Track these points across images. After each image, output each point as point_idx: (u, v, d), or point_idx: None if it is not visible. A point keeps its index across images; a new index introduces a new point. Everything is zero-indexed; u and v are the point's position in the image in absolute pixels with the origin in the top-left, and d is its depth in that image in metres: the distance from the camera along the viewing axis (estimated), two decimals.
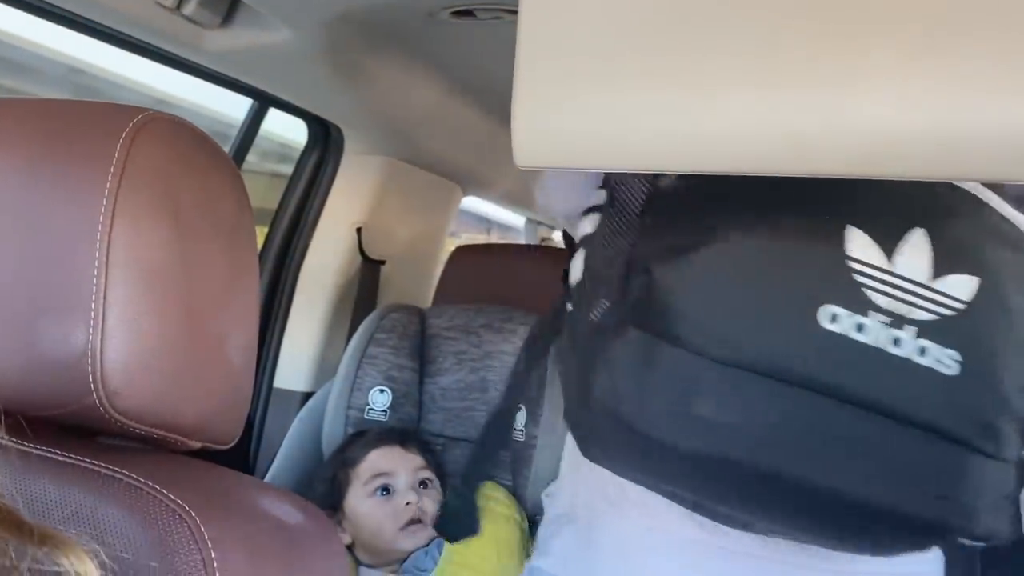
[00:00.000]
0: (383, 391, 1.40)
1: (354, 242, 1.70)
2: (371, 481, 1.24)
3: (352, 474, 1.26)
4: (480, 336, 1.43)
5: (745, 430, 0.73)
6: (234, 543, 0.52)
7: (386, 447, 1.27)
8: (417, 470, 1.27)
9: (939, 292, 0.71)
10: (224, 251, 0.61)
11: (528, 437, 1.31)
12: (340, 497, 1.26)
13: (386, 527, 1.22)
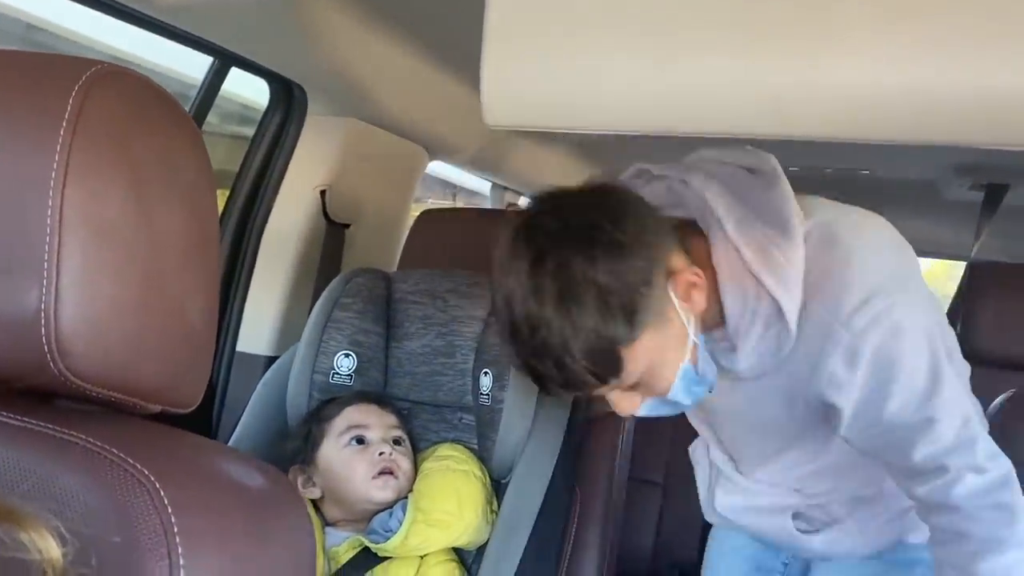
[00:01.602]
0: (348, 356, 1.39)
1: (318, 205, 1.67)
2: (346, 432, 1.26)
3: (327, 428, 1.27)
4: (447, 301, 1.42)
5: None
6: (196, 508, 0.51)
7: (361, 404, 1.30)
8: (391, 427, 1.29)
9: None
10: (184, 210, 0.59)
11: (494, 401, 1.31)
12: (313, 450, 1.27)
13: (358, 475, 1.23)
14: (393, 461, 1.24)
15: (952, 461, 0.98)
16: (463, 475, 1.28)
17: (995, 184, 2.36)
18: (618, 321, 0.86)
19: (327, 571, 1.20)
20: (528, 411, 1.31)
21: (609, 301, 0.85)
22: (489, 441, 1.32)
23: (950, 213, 2.65)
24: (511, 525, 1.23)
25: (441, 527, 1.21)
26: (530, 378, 0.94)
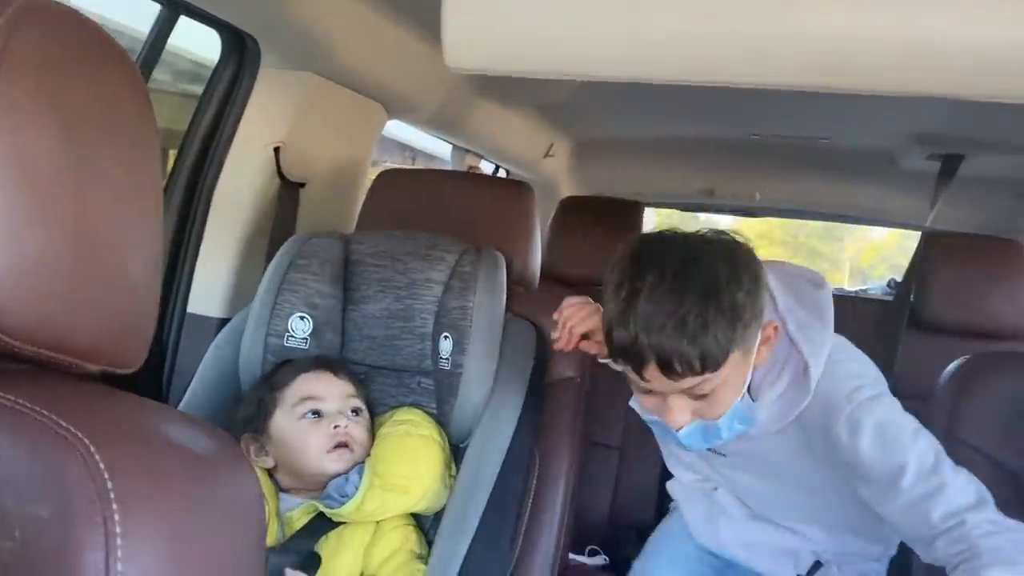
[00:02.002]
0: (304, 318, 1.36)
1: (271, 163, 1.62)
2: (300, 404, 1.22)
3: (279, 397, 1.23)
4: (406, 263, 1.38)
5: None
6: (134, 472, 0.48)
7: (316, 372, 1.25)
8: (347, 397, 1.25)
9: None
10: (122, 158, 0.55)
11: (454, 366, 1.29)
12: (266, 419, 1.23)
13: (312, 449, 1.19)
14: (348, 434, 1.21)
15: (969, 516, 1.07)
16: (422, 440, 1.26)
17: (951, 154, 2.39)
18: (736, 330, 1.03)
19: (280, 537, 1.17)
20: (488, 376, 1.29)
21: (738, 312, 1.03)
22: (448, 406, 1.30)
23: (906, 183, 2.67)
24: (469, 489, 1.22)
25: (398, 492, 1.19)
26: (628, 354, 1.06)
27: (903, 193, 2.76)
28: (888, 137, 2.43)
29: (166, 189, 1.67)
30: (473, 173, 2.52)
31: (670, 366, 1.03)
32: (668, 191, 3.25)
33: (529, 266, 1.51)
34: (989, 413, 1.25)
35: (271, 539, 1.16)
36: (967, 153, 2.35)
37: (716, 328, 1.02)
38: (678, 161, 2.98)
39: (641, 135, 2.74)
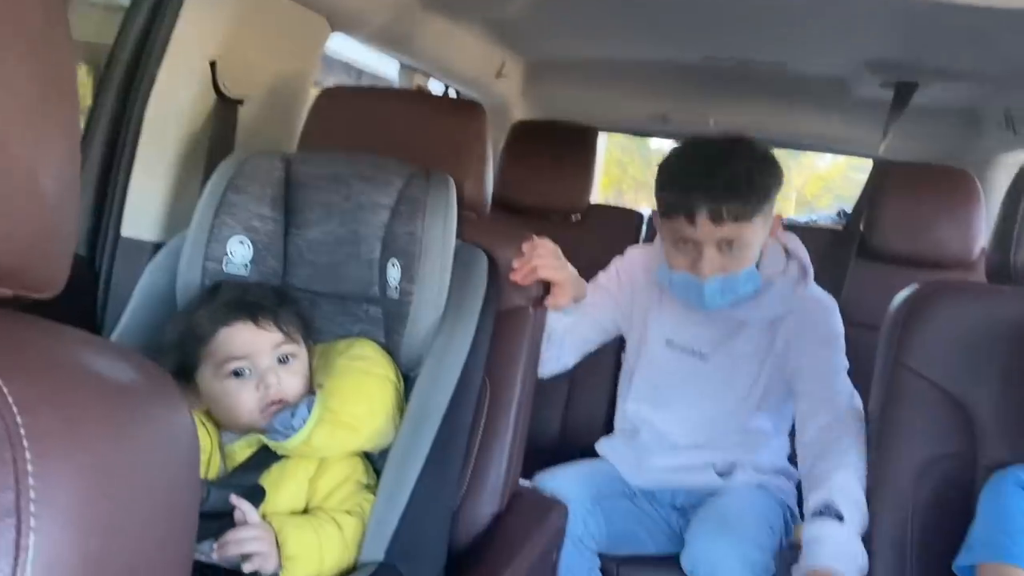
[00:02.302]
0: (243, 242, 1.29)
1: (207, 78, 1.52)
2: (223, 364, 1.13)
3: (202, 351, 1.14)
4: (351, 186, 1.32)
5: None
6: (49, 406, 0.43)
7: (238, 324, 1.14)
8: (275, 348, 1.15)
9: None
10: (28, 62, 0.49)
11: (402, 293, 1.25)
12: (191, 370, 1.16)
13: (242, 408, 1.13)
14: (281, 390, 1.13)
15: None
16: (379, 380, 1.21)
17: (905, 82, 2.38)
18: (768, 196, 1.43)
19: (222, 470, 1.13)
20: (438, 304, 1.26)
21: (767, 183, 1.43)
22: (397, 335, 1.26)
23: (860, 111, 2.67)
24: (419, 419, 1.20)
25: (348, 430, 1.15)
26: (685, 203, 1.40)
27: (856, 121, 2.76)
28: (843, 63, 2.41)
29: (93, 107, 1.57)
30: (421, 92, 2.44)
31: (719, 212, 1.37)
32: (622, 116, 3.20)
33: (481, 191, 1.46)
34: (936, 341, 1.26)
35: (213, 472, 1.13)
36: (920, 81, 2.34)
37: (755, 187, 1.40)
38: (632, 85, 2.92)
39: (595, 56, 2.67)
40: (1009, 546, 1.05)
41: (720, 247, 1.42)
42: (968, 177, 2.19)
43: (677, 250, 1.47)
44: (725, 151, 1.43)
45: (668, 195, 1.45)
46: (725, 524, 1.42)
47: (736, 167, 1.40)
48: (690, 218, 1.40)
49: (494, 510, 1.31)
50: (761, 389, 1.57)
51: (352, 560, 1.10)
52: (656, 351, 1.64)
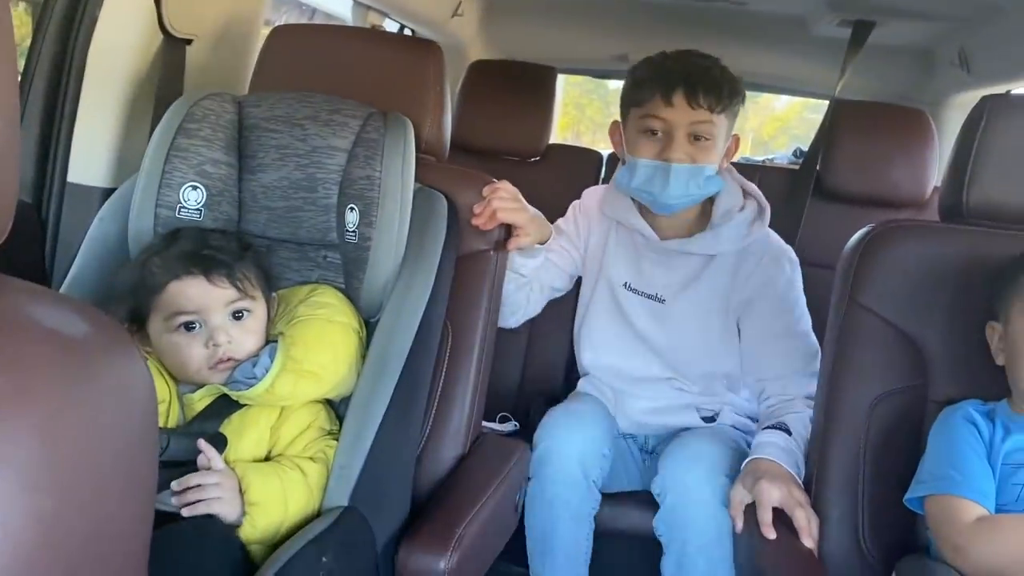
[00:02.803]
0: (196, 188, 1.26)
1: (152, 16, 1.46)
2: (173, 317, 1.11)
3: (152, 302, 1.12)
4: (306, 129, 1.29)
5: None
6: None
7: (189, 279, 1.11)
8: (228, 304, 1.13)
9: None
10: None
11: (361, 239, 1.23)
12: (142, 320, 1.13)
13: (192, 363, 1.11)
14: (231, 349, 1.11)
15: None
16: (341, 328, 1.20)
17: (863, 20, 2.37)
18: (736, 94, 1.50)
19: (181, 419, 1.12)
20: (397, 249, 1.24)
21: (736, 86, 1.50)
22: (356, 280, 1.25)
23: (818, 50, 2.66)
24: (381, 364, 1.19)
25: (312, 379, 1.14)
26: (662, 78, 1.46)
27: (814, 61, 2.76)
28: (801, 1, 2.40)
29: (32, 48, 1.51)
30: (378, 31, 2.37)
31: (695, 94, 1.43)
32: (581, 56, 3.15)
33: (439, 133, 1.43)
34: (890, 280, 1.28)
35: (172, 421, 1.12)
36: (877, 20, 2.34)
37: (728, 80, 1.48)
38: (591, 25, 2.88)
39: None
40: (956, 478, 1.09)
41: (689, 138, 1.47)
42: (923, 116, 2.21)
43: (646, 139, 1.50)
44: (699, 54, 1.51)
45: (644, 79, 1.49)
46: (697, 453, 1.46)
47: (710, 63, 1.49)
48: (667, 98, 1.45)
49: (457, 453, 1.33)
50: (726, 334, 1.59)
51: (316, 506, 1.11)
52: (613, 295, 1.64)
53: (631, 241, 1.64)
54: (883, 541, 1.22)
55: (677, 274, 1.60)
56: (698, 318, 1.59)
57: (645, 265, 1.62)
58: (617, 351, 1.65)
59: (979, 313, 1.20)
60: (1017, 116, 1.25)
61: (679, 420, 1.62)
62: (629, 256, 1.64)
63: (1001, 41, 2.18)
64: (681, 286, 1.60)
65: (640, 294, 1.62)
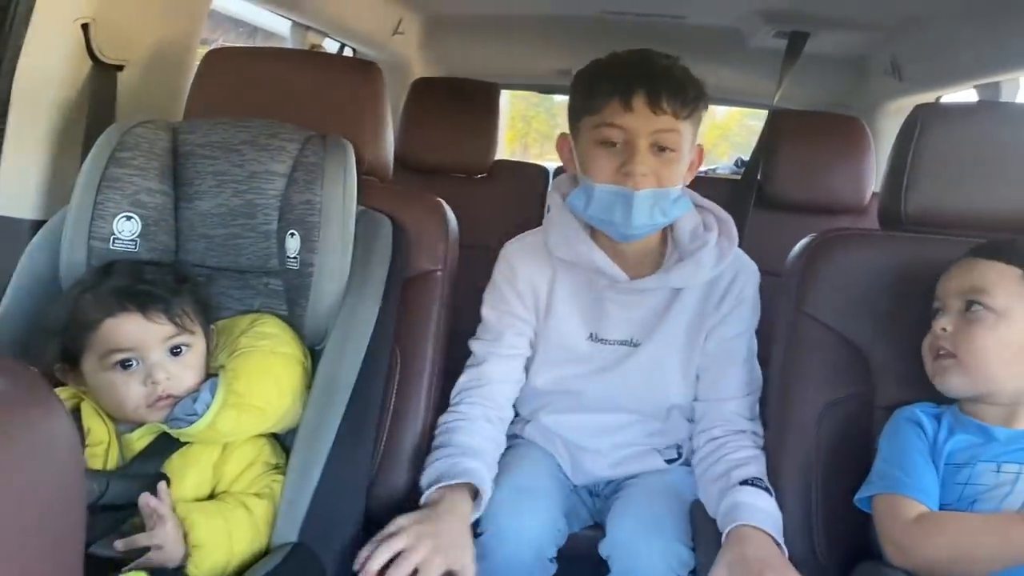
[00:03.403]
0: (130, 218, 1.22)
1: (80, 42, 1.42)
2: (108, 355, 1.06)
3: (86, 340, 1.07)
4: (243, 154, 1.26)
5: None
6: None
7: (124, 315, 1.06)
8: (165, 340, 1.09)
9: None
10: None
11: (303, 265, 1.21)
12: (75, 360, 1.09)
13: (130, 402, 1.07)
14: (170, 386, 1.07)
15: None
16: (285, 359, 1.17)
17: (797, 32, 2.42)
18: (700, 100, 1.29)
19: (120, 460, 1.08)
20: (341, 274, 1.22)
21: (701, 90, 1.30)
22: (300, 308, 1.22)
23: (755, 62, 2.71)
24: (328, 393, 1.17)
25: (255, 413, 1.10)
26: (621, 81, 1.25)
27: (753, 71, 2.81)
28: (738, 15, 2.44)
29: None
30: (315, 52, 2.34)
31: (657, 98, 1.24)
32: (525, 72, 3.16)
33: (381, 154, 1.42)
34: (833, 289, 1.30)
35: (112, 463, 1.07)
36: (811, 31, 2.40)
37: (692, 83, 1.28)
38: (534, 40, 2.89)
39: (494, 11, 2.62)
40: (903, 479, 1.11)
41: (653, 149, 1.26)
42: (858, 124, 2.25)
43: (603, 152, 1.27)
44: (657, 53, 1.31)
45: (598, 83, 1.28)
46: (650, 519, 1.29)
47: (671, 63, 1.29)
48: (625, 103, 1.24)
49: (410, 479, 1.30)
50: (694, 362, 1.40)
51: (264, 543, 1.07)
52: (575, 352, 1.41)
53: (588, 284, 1.40)
54: (838, 548, 1.22)
55: (646, 311, 1.40)
56: (671, 353, 1.39)
57: (611, 309, 1.39)
58: (576, 409, 1.44)
59: (921, 319, 1.22)
60: (950, 124, 1.28)
61: (640, 467, 1.44)
62: (589, 302, 1.40)
63: (930, 49, 2.24)
64: (653, 323, 1.39)
65: (610, 343, 1.40)
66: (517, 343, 1.41)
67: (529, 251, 1.43)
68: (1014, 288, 1.11)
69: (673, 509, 1.32)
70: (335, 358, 1.20)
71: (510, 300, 1.41)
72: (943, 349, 1.13)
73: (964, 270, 1.16)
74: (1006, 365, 1.10)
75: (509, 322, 1.40)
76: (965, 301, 1.13)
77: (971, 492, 1.09)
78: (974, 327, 1.11)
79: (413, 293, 1.34)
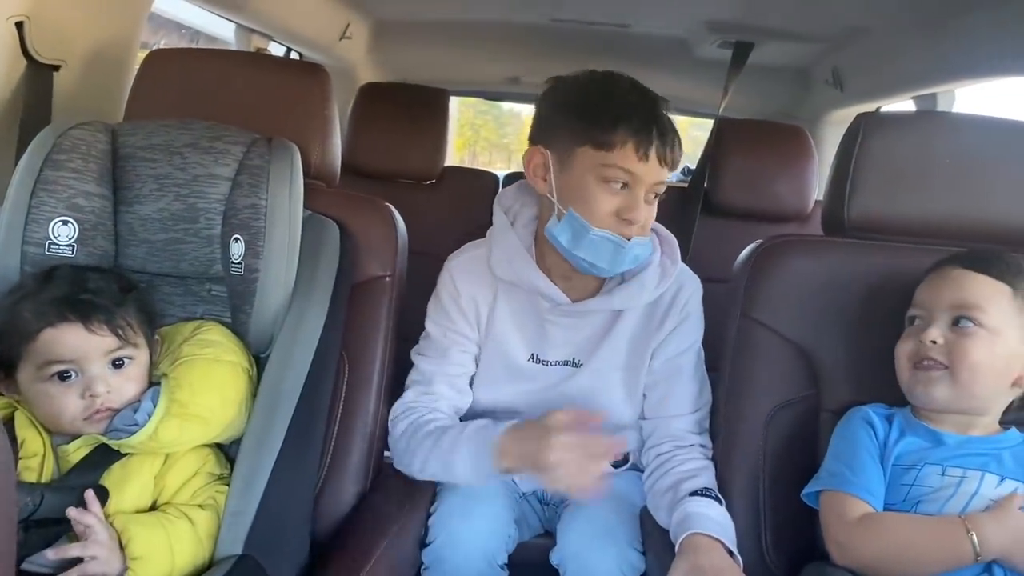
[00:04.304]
0: (67, 222, 1.18)
1: (14, 40, 1.37)
2: (46, 366, 1.02)
3: (23, 348, 1.03)
4: (186, 157, 1.23)
5: None
6: None
7: (64, 326, 1.03)
8: (107, 353, 1.05)
9: None
10: None
11: (247, 270, 1.18)
12: (11, 365, 1.05)
13: (65, 415, 1.03)
14: (111, 399, 1.04)
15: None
16: (229, 367, 1.14)
17: (741, 42, 2.47)
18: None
19: (56, 472, 1.04)
20: (287, 280, 1.20)
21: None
22: (244, 314, 1.19)
23: (701, 70, 2.75)
24: (273, 402, 1.14)
25: (198, 423, 1.07)
26: (645, 131, 1.23)
27: (699, 81, 2.85)
28: (683, 24, 2.47)
29: None
30: (261, 54, 2.31)
31: (664, 149, 1.24)
32: (473, 78, 3.16)
33: (328, 158, 1.40)
34: (779, 295, 1.31)
35: (47, 475, 1.03)
36: (755, 41, 2.44)
37: (679, 139, 1.28)
38: (482, 47, 2.89)
39: (442, 17, 2.62)
40: (849, 477, 1.13)
41: (647, 196, 1.27)
42: (802, 133, 2.30)
43: (606, 191, 1.24)
44: (653, 95, 1.28)
45: (613, 125, 1.22)
46: (601, 527, 1.29)
47: (665, 112, 1.27)
48: (643, 153, 1.22)
49: (359, 488, 1.28)
50: (640, 380, 1.40)
51: (207, 556, 1.04)
52: (516, 371, 1.40)
53: (530, 305, 1.39)
54: (786, 550, 1.24)
55: (588, 331, 1.39)
56: (613, 372, 1.39)
57: (553, 331, 1.39)
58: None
59: (864, 322, 1.25)
60: (891, 133, 1.31)
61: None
62: (529, 323, 1.39)
63: (870, 61, 2.30)
64: (595, 343, 1.39)
65: (550, 364, 1.40)
66: (463, 360, 1.40)
67: (472, 268, 1.40)
68: (1006, 306, 1.12)
69: (623, 515, 1.33)
70: (281, 366, 1.17)
71: (455, 318, 1.39)
72: (931, 360, 1.12)
73: (952, 282, 1.14)
74: (992, 382, 1.12)
75: (454, 339, 1.39)
76: (954, 316, 1.12)
77: (916, 493, 1.11)
78: (968, 341, 1.10)
79: (361, 299, 1.32)
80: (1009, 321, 1.11)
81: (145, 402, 1.05)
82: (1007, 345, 1.11)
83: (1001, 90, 2.05)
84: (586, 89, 1.29)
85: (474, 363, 1.41)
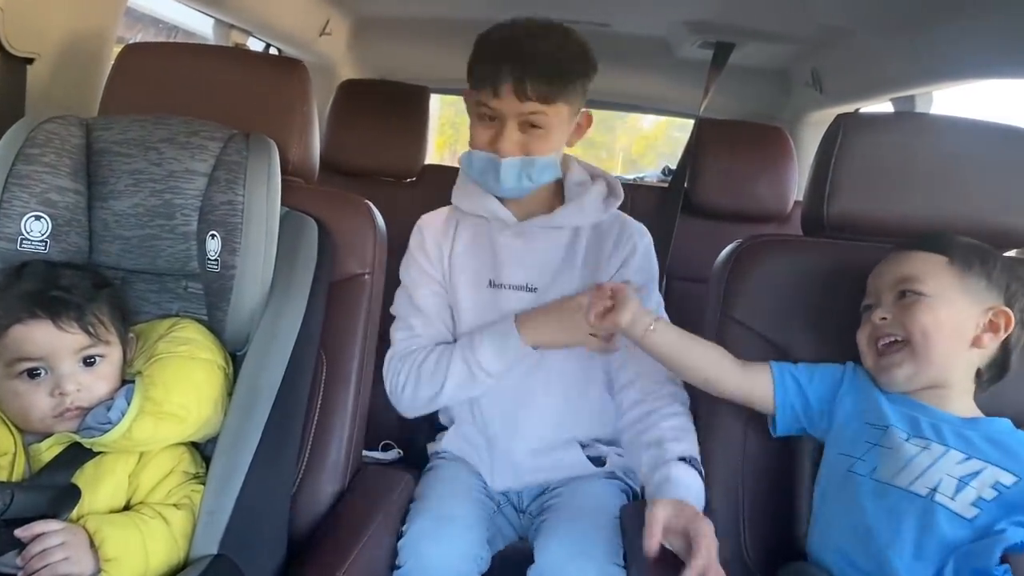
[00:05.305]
0: (40, 218, 1.16)
1: None
2: (15, 363, 1.01)
3: None
4: (162, 152, 1.21)
5: None
6: None
7: (33, 323, 1.02)
8: (78, 351, 1.04)
9: None
10: None
11: (224, 267, 1.17)
12: None
13: (33, 413, 1.02)
14: (80, 398, 1.03)
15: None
16: (205, 365, 1.12)
17: (722, 43, 2.48)
18: (579, 76, 1.38)
19: (27, 472, 1.02)
20: (264, 277, 1.18)
21: (584, 62, 1.39)
22: (220, 312, 1.18)
23: (682, 71, 2.76)
24: (249, 400, 1.13)
25: (173, 421, 1.06)
26: (489, 74, 1.34)
27: (679, 81, 2.85)
28: (664, 24, 2.48)
29: None
30: (239, 49, 2.28)
31: (523, 88, 1.32)
32: (453, 76, 3.14)
33: (307, 155, 1.38)
34: (758, 294, 1.32)
35: (18, 474, 1.01)
36: (736, 42, 2.45)
37: (562, 70, 1.34)
38: (462, 44, 2.87)
39: (423, 14, 2.60)
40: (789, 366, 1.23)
41: (522, 127, 1.37)
42: (781, 134, 2.31)
43: (481, 124, 1.40)
44: (540, 31, 1.36)
45: (478, 67, 1.38)
46: (580, 542, 1.28)
47: (546, 47, 1.34)
48: (495, 91, 1.34)
49: (336, 488, 1.27)
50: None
51: (182, 556, 1.03)
52: (479, 299, 1.48)
53: (485, 232, 1.50)
54: (764, 549, 1.24)
55: (541, 257, 1.48)
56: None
57: (504, 254, 1.48)
58: (489, 399, 1.49)
59: (843, 321, 1.25)
60: (870, 134, 1.32)
61: (562, 459, 1.47)
62: (483, 248, 1.50)
63: (849, 63, 2.31)
64: (551, 273, 1.47)
65: (507, 287, 1.47)
66: (435, 303, 1.50)
67: (435, 218, 1.56)
68: (942, 274, 1.16)
69: (601, 527, 1.32)
70: (258, 363, 1.16)
71: (420, 260, 1.51)
72: (889, 337, 1.16)
73: (892, 263, 1.21)
74: (947, 346, 1.14)
75: (420, 279, 1.50)
76: (897, 291, 1.17)
77: (876, 454, 1.12)
78: (913, 309, 1.15)
79: (340, 297, 1.31)
80: (950, 285, 1.16)
81: (119, 400, 1.03)
82: (953, 307, 1.15)
83: (978, 92, 2.07)
84: (479, 38, 1.42)
85: (445, 304, 1.51)
